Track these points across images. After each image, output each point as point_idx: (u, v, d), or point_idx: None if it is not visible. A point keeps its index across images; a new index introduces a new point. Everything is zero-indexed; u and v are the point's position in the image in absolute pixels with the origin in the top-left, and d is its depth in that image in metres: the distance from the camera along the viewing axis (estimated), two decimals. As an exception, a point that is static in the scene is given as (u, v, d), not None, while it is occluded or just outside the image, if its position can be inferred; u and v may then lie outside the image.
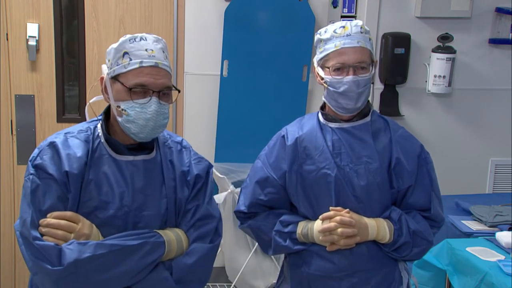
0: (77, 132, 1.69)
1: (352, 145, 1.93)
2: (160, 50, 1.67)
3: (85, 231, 1.58)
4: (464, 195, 3.45)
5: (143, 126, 1.63)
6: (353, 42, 1.87)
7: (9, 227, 3.46)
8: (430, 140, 3.62)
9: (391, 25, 3.53)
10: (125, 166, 1.67)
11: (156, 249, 1.62)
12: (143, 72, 1.62)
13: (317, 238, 1.91)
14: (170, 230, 1.69)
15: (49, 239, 1.55)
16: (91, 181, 1.62)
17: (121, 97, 1.64)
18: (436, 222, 1.99)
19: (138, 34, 1.68)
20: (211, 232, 1.73)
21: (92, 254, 1.53)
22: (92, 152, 1.65)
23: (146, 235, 1.62)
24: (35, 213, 1.57)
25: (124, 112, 1.63)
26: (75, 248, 1.53)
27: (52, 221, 1.56)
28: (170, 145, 1.78)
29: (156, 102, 1.63)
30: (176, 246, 1.67)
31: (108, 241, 1.57)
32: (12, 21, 3.27)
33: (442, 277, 2.77)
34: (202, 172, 1.77)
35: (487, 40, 3.62)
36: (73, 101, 3.44)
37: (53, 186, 1.59)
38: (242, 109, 3.41)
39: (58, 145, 1.64)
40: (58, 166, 1.60)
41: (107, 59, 1.69)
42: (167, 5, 3.39)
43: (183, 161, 1.76)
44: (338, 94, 1.89)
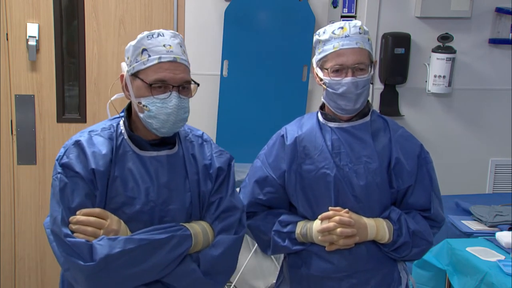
0: (101, 130, 1.72)
1: (351, 145, 1.92)
2: (178, 45, 1.69)
3: (114, 227, 1.62)
4: (464, 195, 3.45)
5: (164, 121, 1.65)
6: (352, 43, 1.87)
7: (9, 227, 3.46)
8: (430, 140, 3.62)
9: (391, 25, 3.53)
10: (149, 161, 1.70)
11: (184, 242, 1.65)
12: (162, 67, 1.64)
13: (316, 238, 1.91)
14: (195, 223, 1.73)
15: (80, 235, 1.59)
16: (116, 178, 1.66)
17: (142, 93, 1.66)
18: (436, 222, 1.99)
19: (156, 30, 1.70)
20: (235, 224, 1.76)
21: (122, 249, 1.56)
22: (116, 149, 1.69)
23: (173, 228, 1.65)
24: (64, 211, 1.61)
25: (146, 108, 1.65)
26: (105, 243, 1.56)
27: (81, 218, 1.60)
28: (191, 139, 1.81)
29: (176, 97, 1.65)
30: (203, 239, 1.70)
31: (137, 236, 1.61)
32: (12, 21, 3.27)
33: (442, 277, 2.77)
34: (224, 164, 1.80)
35: (487, 40, 3.62)
36: (73, 101, 3.44)
37: (80, 184, 1.62)
38: (242, 109, 3.41)
39: (83, 143, 1.67)
40: (84, 164, 1.64)
41: (126, 57, 1.72)
42: (167, 5, 3.39)
43: (204, 154, 1.79)
44: (337, 96, 1.89)
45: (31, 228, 3.47)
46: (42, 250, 3.50)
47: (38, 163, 3.42)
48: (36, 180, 3.44)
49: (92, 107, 3.42)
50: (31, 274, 3.53)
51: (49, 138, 3.41)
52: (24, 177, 3.43)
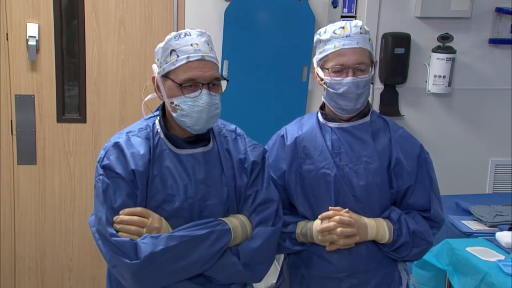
0: (138, 130, 1.78)
1: (351, 145, 1.92)
2: (205, 43, 1.73)
3: (156, 224, 1.68)
4: (464, 195, 3.45)
5: (197, 119, 1.70)
6: (353, 43, 1.87)
7: (9, 227, 3.46)
8: (430, 140, 3.62)
9: (391, 25, 3.53)
10: (185, 159, 1.75)
11: (223, 237, 1.70)
12: (191, 66, 1.68)
13: (316, 238, 1.91)
14: (233, 217, 1.77)
15: (124, 234, 1.65)
16: (155, 176, 1.71)
17: (173, 93, 1.71)
18: (436, 222, 1.98)
19: (182, 30, 1.74)
20: (272, 215, 1.80)
21: (165, 246, 1.63)
22: (154, 148, 1.74)
23: (212, 223, 1.70)
24: (108, 211, 1.67)
25: (178, 107, 1.70)
26: (149, 242, 1.63)
27: (125, 218, 1.67)
28: (225, 134, 1.85)
29: (207, 94, 1.69)
30: (241, 232, 1.75)
31: (178, 233, 1.67)
32: (12, 21, 3.27)
33: (442, 277, 2.77)
34: (258, 158, 1.84)
35: (487, 40, 3.62)
36: (73, 101, 3.44)
37: (121, 184, 1.69)
38: (242, 109, 3.41)
39: (122, 145, 1.73)
40: (124, 165, 1.70)
41: (156, 59, 1.76)
42: (167, 5, 3.39)
43: (239, 149, 1.84)
44: (337, 95, 1.89)
45: (31, 228, 3.47)
46: (42, 250, 3.50)
47: (38, 163, 3.42)
48: (36, 180, 3.44)
49: (92, 107, 3.42)
50: (31, 274, 3.53)
51: (49, 138, 3.41)
52: (24, 177, 3.43)
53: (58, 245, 3.51)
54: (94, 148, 3.44)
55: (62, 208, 3.49)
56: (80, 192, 3.48)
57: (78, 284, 3.58)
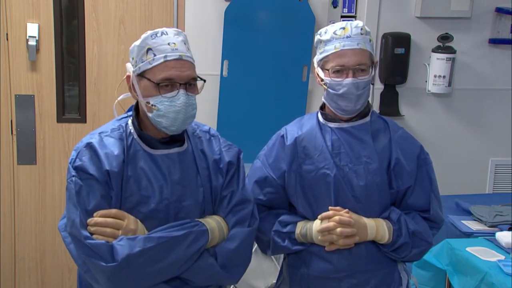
0: (110, 131, 1.74)
1: (351, 145, 1.92)
2: (182, 42, 1.70)
3: (132, 226, 1.64)
4: (464, 195, 3.45)
5: (174, 119, 1.67)
6: (353, 44, 1.87)
7: (9, 227, 3.46)
8: (430, 140, 3.62)
9: (391, 25, 3.53)
10: (160, 160, 1.72)
11: (200, 238, 1.67)
12: (168, 66, 1.65)
13: (316, 238, 1.91)
14: (210, 218, 1.75)
15: (99, 237, 1.61)
16: (130, 178, 1.68)
17: (149, 93, 1.67)
18: (436, 223, 1.99)
19: (159, 29, 1.70)
20: (248, 216, 1.79)
21: (142, 248, 1.59)
22: (128, 149, 1.70)
23: (189, 224, 1.68)
24: (82, 213, 1.63)
25: (154, 107, 1.67)
26: (125, 243, 1.59)
27: (99, 220, 1.62)
28: (199, 135, 1.83)
29: (184, 94, 1.67)
30: (218, 233, 1.73)
31: (155, 234, 1.63)
32: (12, 21, 3.27)
33: (442, 277, 2.77)
34: (234, 158, 1.82)
35: (487, 40, 3.62)
36: (73, 101, 3.44)
37: (95, 185, 1.64)
38: (242, 109, 3.41)
39: (95, 145, 1.68)
40: (98, 166, 1.65)
41: (131, 57, 1.72)
42: (167, 5, 3.39)
43: (213, 149, 1.81)
44: (337, 96, 1.89)
45: (31, 228, 3.47)
46: (42, 250, 3.50)
47: (38, 163, 3.42)
48: (36, 180, 3.44)
49: (92, 107, 3.42)
50: (31, 274, 3.53)
51: (49, 138, 3.41)
52: (24, 177, 3.43)
53: (58, 245, 3.51)
54: (94, 148, 3.44)
55: (62, 208, 3.46)
56: (80, 192, 3.48)
57: (78, 284, 3.58)
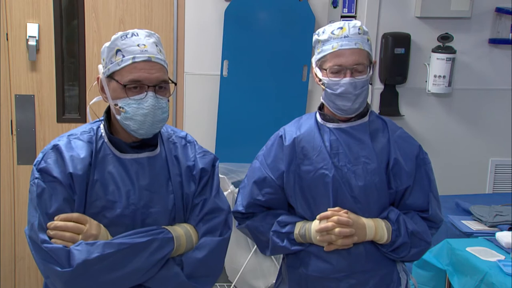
0: (80, 133, 1.70)
1: (350, 146, 1.92)
2: (153, 44, 1.66)
3: (93, 231, 1.59)
4: (464, 195, 3.45)
5: (141, 122, 1.62)
6: (351, 44, 1.87)
7: (9, 227, 3.46)
8: (430, 140, 3.62)
9: (391, 25, 3.53)
10: (129, 164, 1.67)
11: (165, 245, 1.62)
12: (136, 67, 1.61)
13: (314, 238, 1.91)
14: (178, 225, 1.70)
15: (57, 241, 1.56)
16: (96, 181, 1.63)
17: (118, 95, 1.63)
18: (435, 223, 1.98)
19: (130, 30, 1.67)
20: (220, 225, 1.73)
21: (100, 253, 1.53)
22: (96, 152, 1.66)
23: (154, 231, 1.62)
24: (42, 216, 1.58)
25: (122, 110, 1.63)
26: (83, 249, 1.54)
27: (59, 224, 1.57)
28: (175, 141, 1.78)
29: (153, 97, 1.62)
30: (186, 241, 1.67)
31: (116, 240, 1.58)
32: (12, 21, 3.27)
33: (442, 277, 2.77)
34: (208, 165, 1.77)
35: (487, 40, 3.62)
36: (73, 101, 3.44)
37: (58, 188, 1.60)
38: (242, 109, 3.41)
39: (61, 147, 1.65)
40: (62, 168, 1.61)
41: (102, 59, 1.69)
42: (167, 5, 3.39)
43: (188, 156, 1.76)
44: (335, 96, 1.89)
45: (31, 228, 3.47)
46: (42, 250, 3.50)
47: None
48: (36, 180, 3.44)
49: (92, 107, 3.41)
50: (31, 274, 3.53)
51: (49, 138, 3.41)
52: (24, 177, 3.43)
53: (58, 245, 3.51)
54: (94, 148, 3.44)
55: (62, 208, 3.49)
56: (80, 192, 3.48)
57: (78, 284, 3.58)
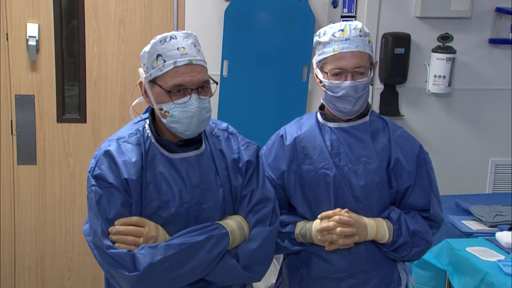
0: (128, 136, 1.73)
1: (351, 145, 1.92)
2: (192, 45, 1.68)
3: (153, 233, 1.64)
4: (464, 195, 3.45)
5: (188, 124, 1.66)
6: (352, 47, 1.86)
7: (9, 227, 3.46)
8: (430, 140, 3.62)
9: (391, 25, 3.53)
10: (179, 163, 1.71)
11: (221, 241, 1.67)
12: (178, 72, 1.64)
13: (315, 237, 1.91)
14: (230, 218, 1.74)
15: (121, 246, 1.62)
16: (149, 183, 1.68)
17: (162, 99, 1.66)
18: (435, 222, 1.98)
19: (168, 33, 1.68)
20: (269, 215, 1.78)
21: (163, 256, 1.60)
22: (146, 154, 1.70)
23: (209, 228, 1.67)
24: (103, 222, 1.63)
25: (168, 114, 1.66)
26: (147, 252, 1.60)
27: (120, 228, 1.63)
28: (217, 134, 1.82)
29: (197, 99, 1.65)
30: (239, 234, 1.72)
31: (176, 241, 1.63)
32: (12, 21, 3.27)
33: (442, 277, 2.77)
34: (252, 157, 1.81)
35: (487, 40, 3.62)
36: (73, 101, 3.44)
37: (115, 194, 1.64)
38: (242, 109, 3.41)
39: (113, 153, 1.68)
40: (116, 174, 1.65)
41: (142, 63, 1.71)
42: (167, 5, 3.39)
43: (232, 148, 1.80)
44: (336, 98, 1.89)
45: (31, 228, 3.47)
46: (42, 250, 3.50)
47: (38, 163, 3.42)
48: (36, 180, 3.44)
49: (92, 107, 3.42)
50: (31, 274, 3.53)
51: (49, 138, 3.41)
52: (24, 177, 3.43)
53: (58, 245, 3.51)
54: (94, 148, 3.43)
55: (62, 208, 3.49)
56: (80, 192, 3.48)
57: (78, 284, 3.58)
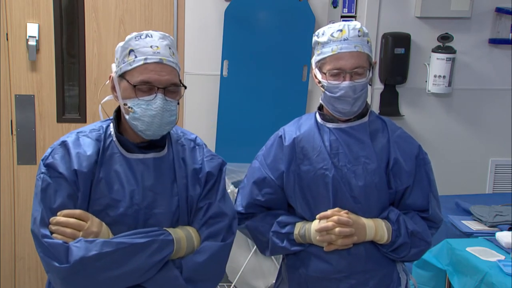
0: (89, 131, 1.71)
1: (350, 146, 1.92)
2: (166, 46, 1.67)
3: (94, 229, 1.59)
4: (464, 195, 3.45)
5: (149, 123, 1.63)
6: (350, 47, 1.86)
7: (9, 227, 3.46)
8: (430, 140, 3.62)
9: (391, 25, 3.53)
10: (135, 164, 1.68)
11: (165, 247, 1.62)
12: (147, 68, 1.62)
13: (314, 238, 1.91)
14: (181, 228, 1.69)
15: (58, 236, 1.57)
16: (101, 179, 1.64)
17: (128, 94, 1.65)
18: (434, 223, 1.98)
19: (145, 31, 1.68)
20: (223, 230, 1.72)
21: (98, 252, 1.54)
22: (104, 150, 1.67)
23: (154, 233, 1.62)
24: (45, 211, 1.59)
25: (131, 110, 1.64)
26: (81, 246, 1.54)
27: (61, 219, 1.58)
28: (183, 143, 1.78)
29: (162, 99, 1.63)
30: (186, 244, 1.67)
31: (116, 239, 1.58)
32: (12, 21, 3.27)
33: (442, 277, 2.77)
34: (214, 169, 1.76)
35: (487, 40, 3.62)
36: (73, 101, 3.44)
37: (63, 184, 1.61)
38: (242, 109, 3.41)
39: (69, 144, 1.66)
40: (68, 165, 1.63)
41: (116, 58, 1.70)
42: (167, 5, 3.39)
43: (195, 158, 1.76)
44: (334, 99, 1.88)
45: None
46: (42, 250, 3.50)
47: (38, 163, 3.42)
48: (36, 180, 3.44)
49: (92, 107, 3.42)
50: (31, 274, 3.53)
51: (49, 138, 3.42)
52: (24, 177, 3.43)
53: (58, 245, 3.51)
54: (94, 148, 3.44)
55: (62, 208, 3.49)
56: (80, 192, 3.48)
57: (78, 284, 3.58)
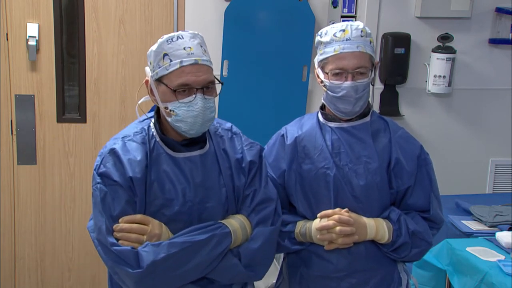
0: (133, 134, 1.76)
1: (351, 145, 1.93)
2: (198, 45, 1.71)
3: (156, 231, 1.67)
4: (464, 195, 3.45)
5: (192, 124, 1.69)
6: (353, 47, 1.86)
7: (9, 227, 3.46)
8: (430, 140, 3.62)
9: (391, 25, 3.53)
10: (183, 162, 1.74)
11: (224, 240, 1.70)
12: (184, 71, 1.66)
13: (315, 237, 1.91)
14: (233, 218, 1.77)
15: (125, 243, 1.65)
16: (153, 182, 1.70)
17: (167, 98, 1.69)
18: (435, 223, 1.98)
19: (175, 33, 1.71)
20: (271, 214, 1.80)
21: (166, 254, 1.63)
22: (150, 152, 1.73)
23: (212, 227, 1.70)
24: (107, 220, 1.66)
25: (173, 113, 1.69)
26: (150, 250, 1.63)
27: (124, 226, 1.66)
28: (221, 134, 1.84)
29: (201, 99, 1.68)
30: (241, 233, 1.75)
31: (179, 239, 1.66)
32: (12, 21, 3.27)
33: (442, 277, 2.77)
34: (255, 157, 1.83)
35: (487, 40, 3.62)
36: (73, 101, 3.44)
37: (120, 191, 1.67)
38: (242, 109, 3.41)
39: (118, 151, 1.71)
40: (121, 172, 1.68)
41: (149, 62, 1.74)
42: (167, 5, 3.39)
43: (235, 148, 1.83)
44: (336, 99, 1.89)
45: (31, 228, 3.47)
46: (42, 250, 3.50)
47: (38, 163, 3.42)
48: (36, 180, 3.44)
49: (92, 107, 3.42)
50: (31, 274, 3.53)
51: (49, 138, 3.42)
52: (24, 177, 3.43)
53: (58, 245, 3.51)
54: (94, 148, 3.44)
55: (62, 208, 3.49)
56: (80, 192, 3.48)
57: (78, 284, 3.58)
